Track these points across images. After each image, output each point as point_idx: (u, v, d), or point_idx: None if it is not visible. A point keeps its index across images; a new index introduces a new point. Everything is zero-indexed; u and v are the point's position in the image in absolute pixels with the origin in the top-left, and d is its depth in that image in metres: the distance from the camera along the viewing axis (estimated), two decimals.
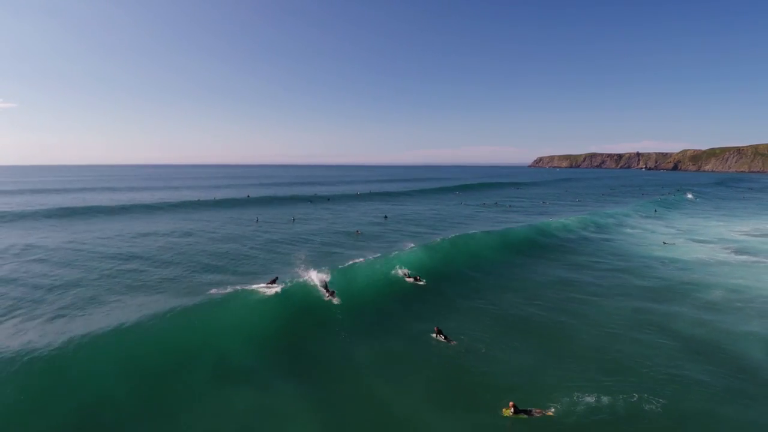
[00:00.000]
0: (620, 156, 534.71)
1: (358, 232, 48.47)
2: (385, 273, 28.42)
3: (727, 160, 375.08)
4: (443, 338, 19.29)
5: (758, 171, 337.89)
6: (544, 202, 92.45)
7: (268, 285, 23.69)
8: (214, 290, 24.05)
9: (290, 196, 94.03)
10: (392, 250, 31.86)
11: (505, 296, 26.14)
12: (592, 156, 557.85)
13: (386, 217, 62.94)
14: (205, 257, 34.75)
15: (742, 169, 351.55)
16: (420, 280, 28.24)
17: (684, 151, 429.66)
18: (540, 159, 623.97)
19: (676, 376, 16.13)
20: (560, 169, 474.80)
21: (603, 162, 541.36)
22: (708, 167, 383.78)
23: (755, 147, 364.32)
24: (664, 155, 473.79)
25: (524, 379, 16.03)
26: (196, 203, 77.33)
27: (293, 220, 58.43)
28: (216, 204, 77.70)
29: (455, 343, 19.03)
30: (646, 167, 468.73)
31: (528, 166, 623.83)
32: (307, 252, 37.39)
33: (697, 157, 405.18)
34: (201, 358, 16.58)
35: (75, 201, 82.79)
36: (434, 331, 19.71)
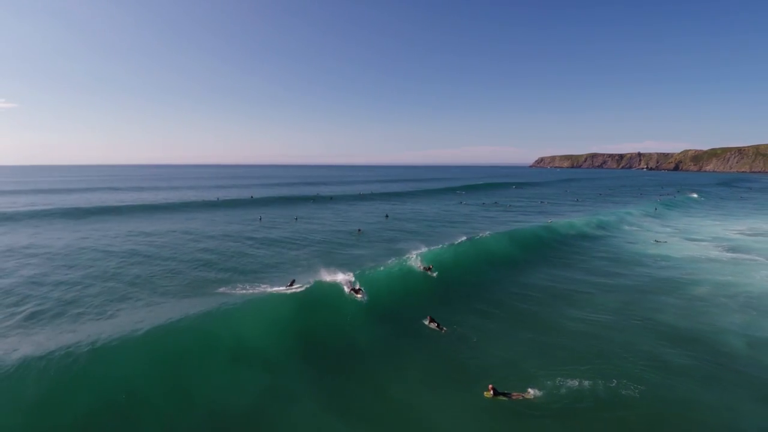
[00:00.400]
0: (621, 156, 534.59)
1: (360, 231, 49.65)
2: (402, 272, 28.88)
3: (729, 161, 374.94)
4: (436, 326, 20.55)
5: (759, 171, 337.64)
6: (542, 202, 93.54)
7: (288, 287, 24.03)
8: (226, 289, 24.89)
9: (292, 197, 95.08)
10: (408, 252, 32.30)
11: (501, 291, 27.27)
12: (594, 156, 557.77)
13: (387, 216, 64.11)
14: (216, 257, 35.12)
15: (744, 170, 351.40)
16: (432, 271, 29.30)
17: (685, 152, 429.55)
18: (541, 159, 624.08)
19: (657, 365, 17.16)
20: (560, 170, 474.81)
21: (604, 162, 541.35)
22: (709, 167, 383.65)
23: (756, 147, 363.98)
24: (666, 155, 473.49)
25: (511, 365, 17.20)
26: (201, 203, 78.14)
27: (296, 219, 59.65)
28: (219, 204, 78.61)
29: (446, 330, 20.34)
30: (648, 167, 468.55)
31: (529, 167, 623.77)
32: (311, 250, 38.67)
33: (699, 158, 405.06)
34: (234, 358, 16.70)
35: (80, 201, 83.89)
36: (427, 319, 20.99)
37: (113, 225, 52.98)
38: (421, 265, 30.00)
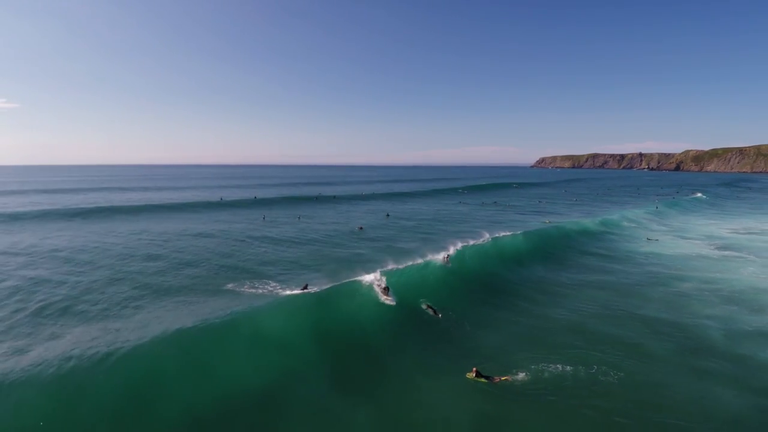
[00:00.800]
0: (623, 156, 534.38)
1: (361, 228, 50.98)
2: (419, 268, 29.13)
3: (730, 161, 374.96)
4: (432, 312, 22.06)
5: (760, 171, 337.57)
6: (540, 202, 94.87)
7: (302, 291, 24.12)
8: (241, 289, 25.64)
9: (295, 197, 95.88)
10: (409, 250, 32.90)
11: (498, 283, 28.48)
12: (595, 156, 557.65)
13: (388, 215, 65.40)
14: (225, 257, 35.31)
15: (745, 170, 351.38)
16: (447, 262, 29.65)
17: (686, 152, 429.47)
18: (542, 159, 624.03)
19: (637, 353, 18.27)
20: (561, 170, 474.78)
21: (605, 162, 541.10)
22: (710, 168, 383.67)
23: (758, 147, 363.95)
24: (667, 156, 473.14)
25: (499, 351, 18.48)
26: (204, 203, 78.67)
27: (299, 218, 60.95)
28: (223, 204, 79.39)
29: (440, 316, 21.92)
30: (649, 168, 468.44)
31: (530, 167, 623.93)
32: (314, 248, 39.93)
33: (700, 158, 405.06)
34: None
35: (86, 201, 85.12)
36: (424, 305, 22.64)
37: (121, 225, 53.64)
38: (447, 256, 30.35)
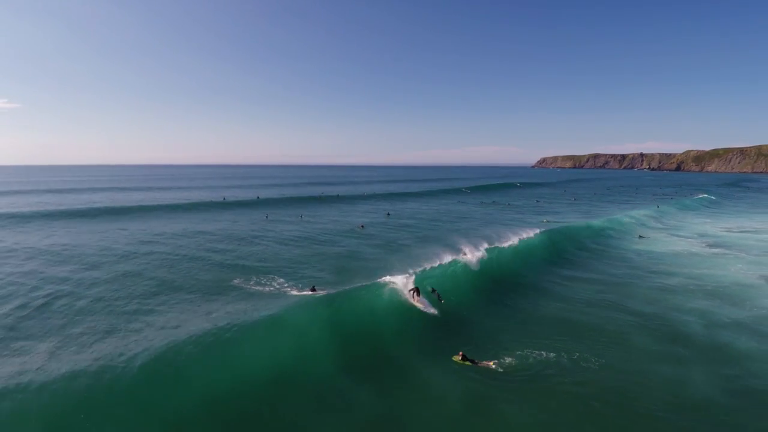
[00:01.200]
0: (624, 156, 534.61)
1: (362, 227, 52.28)
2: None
3: (730, 161, 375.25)
4: (437, 296, 23.24)
5: (761, 171, 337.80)
6: (538, 201, 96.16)
7: (311, 292, 24.51)
8: (242, 284, 26.51)
9: (297, 197, 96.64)
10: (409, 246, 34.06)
11: (495, 278, 29.43)
12: (596, 156, 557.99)
13: (389, 215, 66.65)
14: (232, 256, 35.46)
15: (745, 170, 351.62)
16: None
17: (687, 152, 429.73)
18: (543, 159, 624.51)
19: (618, 342, 19.37)
20: (561, 170, 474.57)
21: (606, 162, 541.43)
22: (711, 168, 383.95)
23: (758, 148, 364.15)
24: (668, 156, 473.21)
25: (489, 337, 19.74)
26: (208, 203, 79.11)
27: (301, 217, 62.22)
28: (226, 204, 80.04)
29: (443, 301, 23.13)
30: (650, 168, 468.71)
31: (531, 167, 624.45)
32: (317, 245, 41.19)
33: (700, 158, 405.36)
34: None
35: (91, 201, 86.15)
36: (430, 288, 23.77)
37: (129, 225, 53.81)
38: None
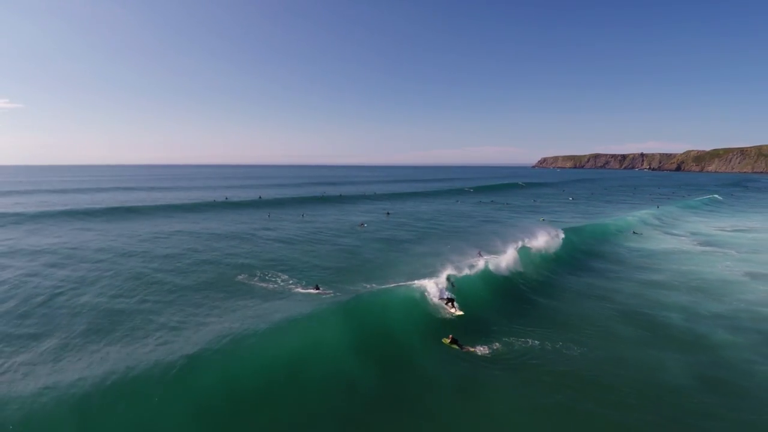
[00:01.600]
0: (624, 156, 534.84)
1: (362, 225, 53.60)
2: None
3: (731, 161, 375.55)
4: (451, 285, 24.02)
5: (761, 171, 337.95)
6: (535, 201, 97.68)
7: (315, 290, 25.15)
8: (249, 281, 27.41)
9: (298, 197, 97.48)
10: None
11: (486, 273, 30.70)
12: (596, 156, 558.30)
13: (388, 214, 67.92)
14: (236, 255, 35.88)
15: (746, 170, 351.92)
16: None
17: (687, 152, 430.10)
18: (544, 159, 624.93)
19: (599, 332, 20.58)
20: (561, 170, 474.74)
21: (607, 162, 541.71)
22: (711, 168, 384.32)
23: (759, 148, 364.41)
24: (668, 156, 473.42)
25: (476, 325, 21.03)
26: (211, 203, 79.46)
27: (302, 216, 63.50)
28: (229, 204, 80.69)
29: (455, 287, 24.11)
30: (650, 168, 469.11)
31: (532, 167, 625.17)
32: (318, 243, 42.44)
33: (701, 158, 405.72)
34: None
35: (95, 201, 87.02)
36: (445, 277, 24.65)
37: (135, 225, 53.59)
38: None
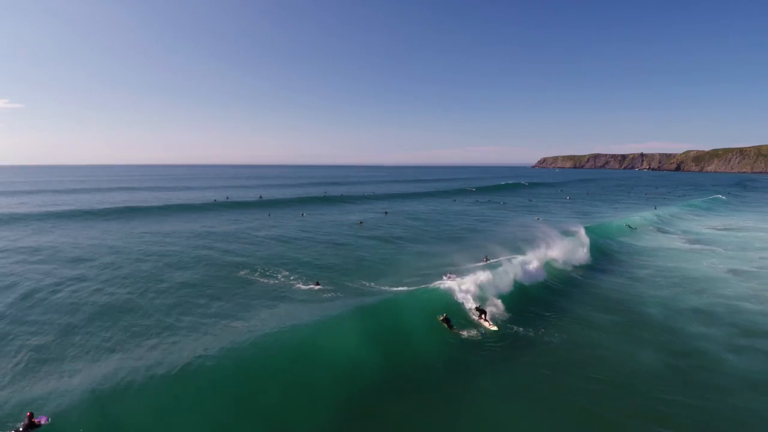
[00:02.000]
0: (624, 157, 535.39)
1: (361, 223, 55.11)
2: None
3: (730, 161, 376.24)
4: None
5: (761, 171, 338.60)
6: (531, 200, 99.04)
7: (315, 287, 25.70)
8: (254, 279, 28.64)
9: (299, 197, 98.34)
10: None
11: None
12: (596, 156, 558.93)
13: (386, 213, 69.22)
14: (238, 253, 36.51)
15: (745, 170, 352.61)
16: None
17: (687, 152, 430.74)
18: (544, 159, 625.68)
19: (580, 321, 21.87)
20: (560, 170, 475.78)
21: (607, 163, 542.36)
22: (710, 168, 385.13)
23: (758, 148, 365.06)
24: (668, 156, 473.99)
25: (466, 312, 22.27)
26: (212, 204, 79.79)
27: (302, 215, 64.79)
28: (231, 204, 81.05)
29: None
30: (650, 168, 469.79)
31: (532, 167, 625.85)
32: (318, 241, 43.69)
33: (700, 158, 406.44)
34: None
35: (98, 201, 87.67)
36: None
37: (140, 225, 53.83)
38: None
